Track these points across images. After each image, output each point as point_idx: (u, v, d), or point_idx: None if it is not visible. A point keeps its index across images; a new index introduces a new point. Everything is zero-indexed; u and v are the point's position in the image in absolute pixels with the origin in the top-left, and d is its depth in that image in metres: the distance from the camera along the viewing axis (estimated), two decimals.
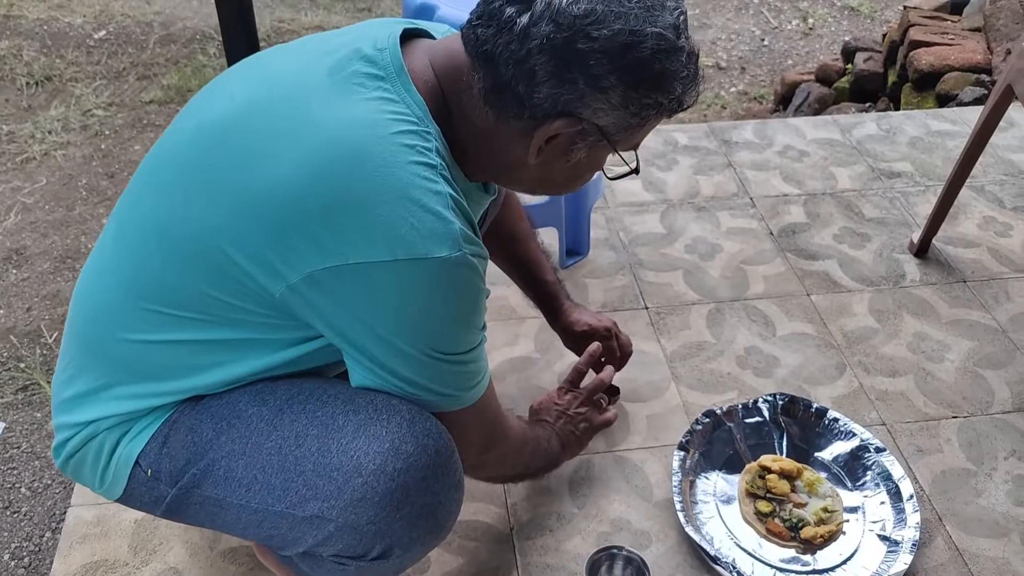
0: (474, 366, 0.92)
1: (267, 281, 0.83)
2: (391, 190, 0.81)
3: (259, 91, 0.89)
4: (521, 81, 0.83)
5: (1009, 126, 2.19)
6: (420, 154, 0.83)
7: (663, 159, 2.11)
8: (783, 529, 1.31)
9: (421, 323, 0.84)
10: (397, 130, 0.83)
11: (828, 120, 2.28)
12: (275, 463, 0.87)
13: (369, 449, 0.84)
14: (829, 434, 1.44)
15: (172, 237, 0.87)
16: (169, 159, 0.92)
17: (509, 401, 1.51)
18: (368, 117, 0.83)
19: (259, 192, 0.82)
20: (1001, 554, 1.30)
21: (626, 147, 0.92)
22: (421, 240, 0.80)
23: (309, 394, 0.90)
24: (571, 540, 1.30)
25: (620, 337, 1.44)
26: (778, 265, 1.81)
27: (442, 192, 0.83)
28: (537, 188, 1.00)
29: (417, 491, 0.86)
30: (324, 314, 0.84)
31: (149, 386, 0.92)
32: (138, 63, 3.62)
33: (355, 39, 0.90)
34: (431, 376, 0.88)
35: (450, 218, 0.82)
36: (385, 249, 0.80)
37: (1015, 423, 1.49)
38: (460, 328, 0.88)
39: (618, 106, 0.84)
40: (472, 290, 0.87)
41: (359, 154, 0.81)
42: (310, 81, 0.86)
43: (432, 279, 0.82)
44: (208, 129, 0.89)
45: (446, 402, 0.92)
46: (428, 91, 0.87)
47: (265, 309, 0.86)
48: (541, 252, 1.44)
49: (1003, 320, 1.68)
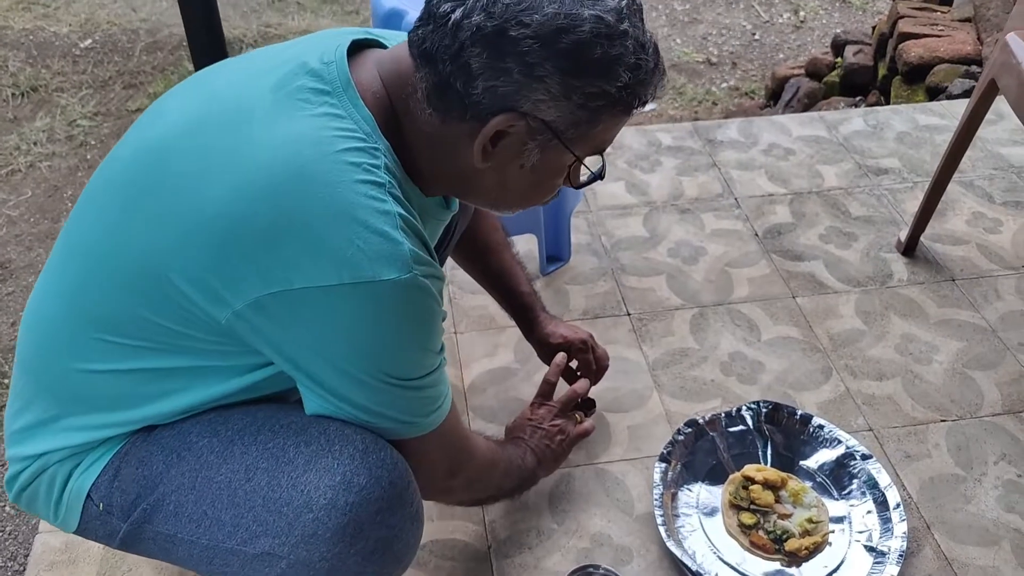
0: (432, 391, 0.89)
1: (212, 308, 0.80)
2: (336, 211, 0.78)
3: (200, 110, 0.86)
4: (459, 77, 0.79)
5: (998, 119, 2.16)
6: (367, 172, 0.80)
7: (646, 160, 2.08)
8: (767, 541, 1.28)
9: (372, 348, 0.81)
10: (343, 148, 0.80)
11: (814, 117, 2.24)
12: (225, 498, 0.84)
13: (320, 483, 0.82)
14: (814, 442, 1.41)
15: (113, 263, 0.84)
16: (109, 182, 0.89)
17: (488, 413, 1.49)
18: (312, 135, 0.80)
19: (199, 216, 0.79)
20: (991, 562, 1.27)
21: (585, 149, 0.86)
22: (368, 262, 0.77)
23: (262, 424, 0.87)
24: (550, 557, 1.27)
25: (596, 350, 1.41)
26: (763, 267, 1.77)
27: (390, 212, 0.80)
28: (499, 200, 0.94)
29: (371, 525, 0.83)
30: (272, 341, 0.82)
31: (99, 417, 0.90)
32: (124, 71, 3.60)
33: (302, 52, 0.87)
34: (387, 403, 0.85)
35: (399, 239, 0.79)
36: (331, 272, 0.77)
37: (1005, 425, 1.45)
38: (414, 352, 0.85)
39: (559, 96, 0.79)
40: (425, 313, 0.84)
41: (303, 174, 0.78)
42: (253, 98, 0.84)
43: (381, 302, 0.79)
44: (147, 151, 0.86)
45: (406, 429, 0.89)
46: (377, 104, 0.84)
47: (213, 336, 0.83)
48: (516, 263, 1.41)
49: (992, 319, 1.65)
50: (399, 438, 0.89)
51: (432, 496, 1.07)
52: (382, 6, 1.50)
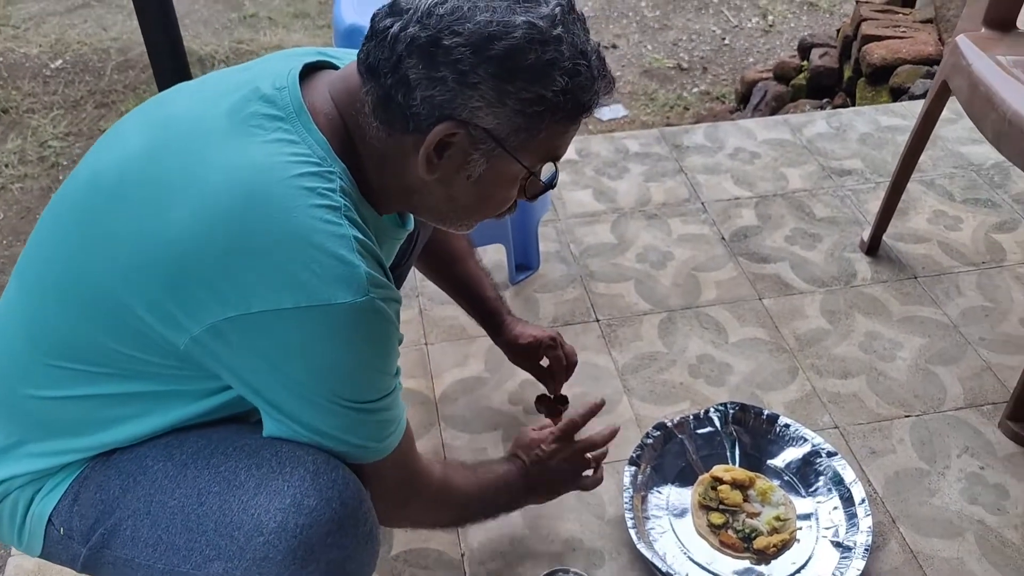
0: (388, 414, 0.89)
1: (170, 333, 0.81)
2: (292, 235, 0.79)
3: (155, 136, 0.87)
4: (399, 89, 0.80)
5: (958, 118, 2.20)
6: (322, 196, 0.81)
7: (614, 167, 2.10)
8: (736, 540, 1.30)
9: (327, 371, 0.82)
10: (297, 172, 0.81)
11: (779, 120, 2.28)
12: (178, 522, 0.84)
13: (270, 506, 0.82)
14: (781, 441, 1.43)
15: (70, 289, 0.85)
16: (66, 208, 0.90)
17: (460, 422, 1.50)
18: (266, 161, 0.81)
19: (155, 242, 0.80)
20: (956, 554, 1.29)
21: (532, 158, 0.86)
22: (324, 286, 0.78)
23: (215, 447, 0.87)
24: (523, 563, 1.29)
25: (564, 347, 1.43)
26: (730, 270, 1.80)
27: (346, 235, 0.81)
28: (449, 214, 0.94)
29: (322, 547, 0.83)
30: (230, 365, 0.82)
31: (60, 443, 0.90)
32: (96, 91, 3.60)
33: (255, 77, 0.88)
34: (342, 426, 0.86)
35: (355, 262, 0.80)
36: (287, 296, 0.78)
37: (967, 419, 1.48)
38: (369, 375, 0.86)
39: (495, 102, 0.80)
40: (381, 336, 0.84)
41: (258, 200, 0.79)
42: (207, 124, 0.84)
43: (337, 326, 0.80)
44: (104, 177, 0.86)
45: (361, 453, 0.89)
46: (330, 127, 0.85)
47: (172, 361, 0.83)
48: (480, 269, 1.42)
49: (954, 315, 1.68)
50: (353, 462, 0.89)
51: (391, 523, 1.07)
52: (342, 22, 1.51)
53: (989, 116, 1.43)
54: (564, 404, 1.45)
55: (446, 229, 0.99)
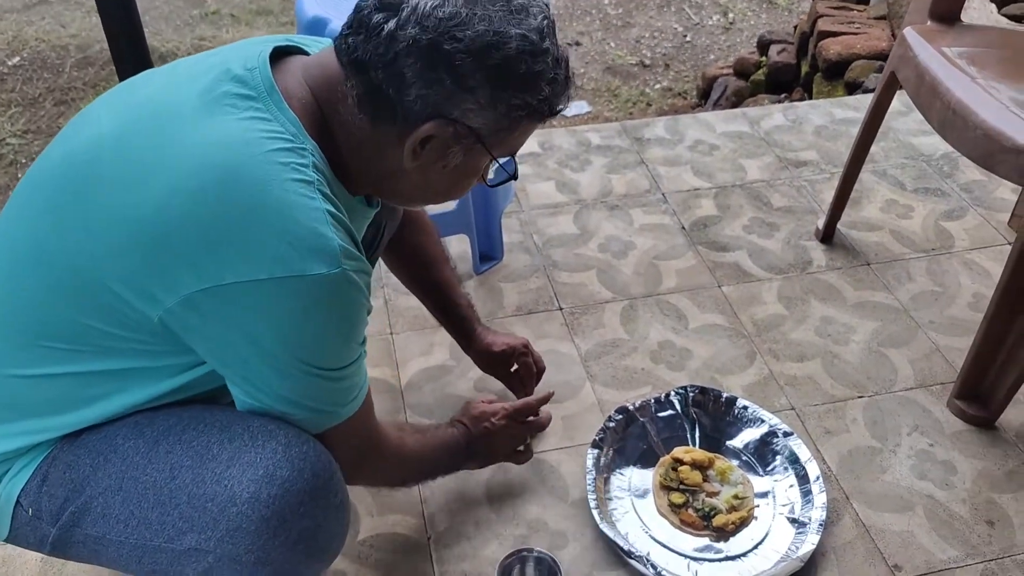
0: (351, 381, 0.92)
1: (144, 307, 0.82)
2: (267, 209, 0.81)
3: (128, 116, 0.88)
4: (391, 85, 0.84)
5: (908, 111, 2.26)
6: (296, 171, 0.83)
7: (576, 160, 2.13)
8: (696, 519, 1.33)
9: (299, 340, 0.84)
10: (271, 148, 0.83)
11: (737, 113, 2.32)
12: (151, 497, 0.86)
13: (243, 477, 0.84)
14: (739, 422, 1.47)
15: (44, 267, 0.86)
16: (37, 188, 0.90)
17: (425, 410, 1.52)
18: (241, 136, 0.83)
19: (131, 219, 0.81)
20: (906, 527, 1.34)
21: (502, 152, 0.93)
22: (299, 257, 0.80)
23: (187, 423, 0.89)
24: (488, 546, 1.31)
25: (534, 354, 1.47)
26: (690, 259, 1.84)
27: (319, 208, 0.83)
28: (418, 197, 1.00)
29: (294, 516, 0.85)
30: (203, 336, 0.84)
31: (30, 423, 0.91)
32: (55, 88, 3.55)
33: (225, 60, 0.89)
34: (310, 394, 0.88)
35: (329, 234, 0.82)
36: (262, 268, 0.80)
37: (917, 399, 1.53)
38: (339, 343, 0.88)
39: (487, 106, 0.85)
40: (352, 306, 0.87)
41: (233, 174, 0.81)
42: (180, 104, 0.86)
43: (310, 296, 0.82)
44: (78, 156, 0.87)
45: (323, 419, 0.91)
46: (302, 108, 0.88)
47: (145, 336, 0.85)
48: (454, 276, 1.44)
49: (905, 300, 1.73)
50: (316, 429, 0.91)
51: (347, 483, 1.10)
52: (305, 14, 1.52)
53: (934, 105, 1.48)
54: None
55: (407, 207, 1.03)
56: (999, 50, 1.59)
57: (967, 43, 1.58)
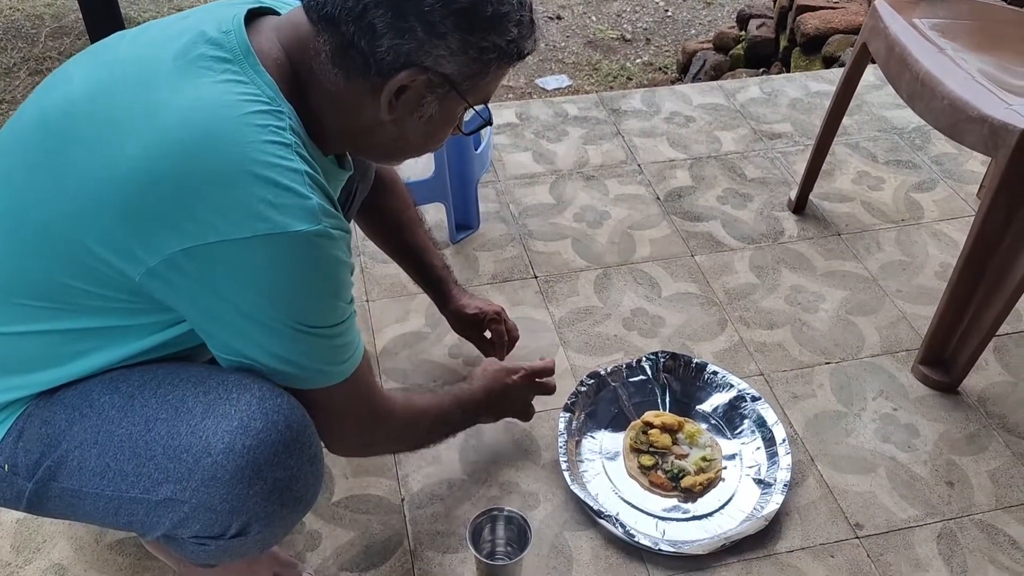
0: (342, 339, 0.93)
1: (125, 266, 0.83)
2: (246, 170, 0.82)
3: (102, 76, 0.88)
4: (363, 37, 0.85)
5: (882, 84, 2.28)
6: (273, 133, 0.84)
7: (553, 131, 2.14)
8: (665, 480, 1.36)
9: (285, 297, 0.85)
10: (249, 111, 0.84)
11: (713, 86, 2.34)
12: (126, 449, 0.87)
13: (218, 428, 0.85)
14: (709, 387, 1.50)
15: (20, 226, 0.86)
16: (12, 147, 0.90)
17: (400, 375, 1.54)
18: (219, 99, 0.84)
19: (109, 177, 0.82)
20: (868, 488, 1.37)
21: (476, 98, 0.93)
22: (279, 215, 0.81)
23: (162, 379, 0.90)
24: (461, 506, 1.33)
25: (508, 322, 1.49)
26: (664, 228, 1.86)
27: (298, 169, 0.84)
28: (395, 151, 1.00)
29: (269, 466, 0.87)
30: (188, 296, 0.85)
31: (7, 380, 0.91)
32: (29, 58, 3.51)
33: (199, 22, 0.90)
34: (299, 351, 0.89)
35: (307, 193, 0.84)
36: (244, 226, 0.81)
37: (882, 365, 1.57)
38: (325, 300, 0.89)
39: (458, 51, 0.86)
40: (334, 263, 0.88)
41: (212, 135, 0.82)
42: (155, 66, 0.86)
43: (293, 253, 0.83)
44: (51, 115, 0.88)
45: (319, 377, 0.93)
46: (278, 69, 0.88)
47: (125, 295, 0.86)
48: (429, 239, 1.46)
49: (874, 269, 1.76)
50: (312, 387, 0.93)
51: (350, 451, 1.11)
52: None
53: (903, 76, 1.50)
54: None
55: (385, 164, 1.04)
56: (969, 22, 1.61)
57: (938, 15, 1.60)
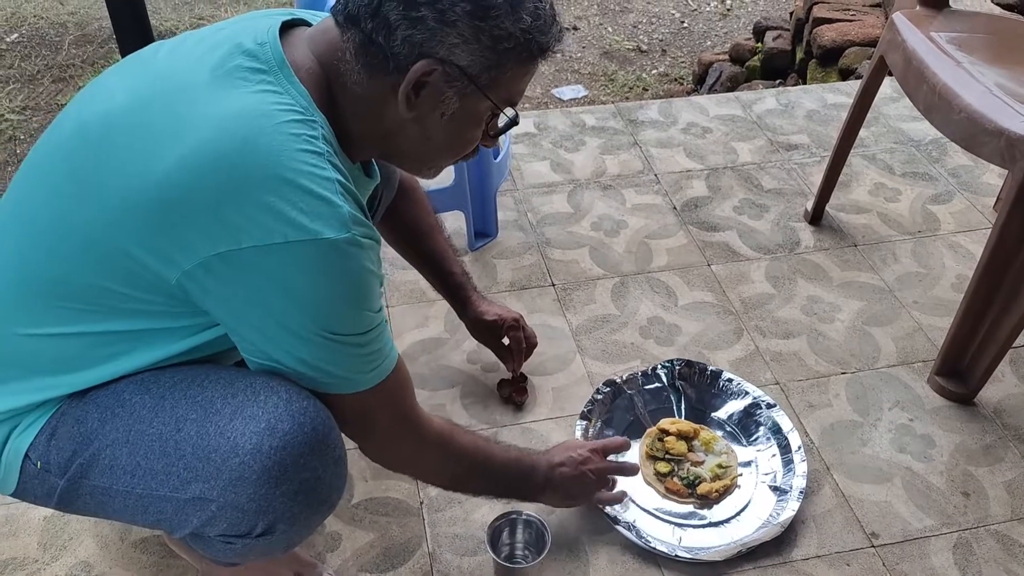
0: (371, 348, 0.93)
1: (162, 269, 0.85)
2: (280, 178, 0.84)
3: (142, 88, 0.90)
4: (380, 32, 0.87)
5: (900, 96, 2.29)
6: (307, 142, 0.86)
7: (571, 140, 2.16)
8: (681, 487, 1.37)
9: (313, 304, 0.87)
10: (284, 120, 0.86)
11: (730, 97, 2.35)
12: (156, 449, 0.89)
13: (246, 430, 0.87)
14: (724, 394, 1.51)
15: (59, 231, 0.88)
16: (54, 156, 0.93)
17: (420, 380, 1.55)
18: (255, 108, 0.86)
19: (147, 184, 0.84)
20: (884, 498, 1.38)
21: (499, 97, 0.94)
22: (311, 222, 0.83)
23: (191, 380, 0.92)
24: (479, 511, 1.35)
25: (526, 329, 1.50)
26: (681, 238, 1.87)
27: (330, 178, 0.86)
28: (421, 154, 1.00)
29: (295, 467, 0.89)
30: (220, 299, 0.87)
31: (41, 381, 0.93)
32: (53, 65, 3.56)
33: (235, 34, 0.92)
34: (327, 358, 0.90)
35: (339, 202, 0.86)
36: (275, 232, 0.83)
37: (899, 375, 1.57)
38: (352, 308, 0.90)
39: (471, 39, 0.87)
40: (363, 271, 0.89)
41: (248, 144, 0.84)
42: (194, 77, 0.89)
43: (323, 259, 0.85)
44: (92, 126, 0.90)
45: (344, 384, 0.93)
46: (311, 79, 0.91)
47: (161, 297, 0.88)
48: (449, 246, 1.48)
49: (890, 280, 1.77)
50: (338, 392, 0.94)
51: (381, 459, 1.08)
52: None
53: (921, 89, 1.51)
54: (524, 381, 1.52)
55: (417, 175, 1.05)
56: (986, 35, 1.62)
57: (955, 28, 1.61)
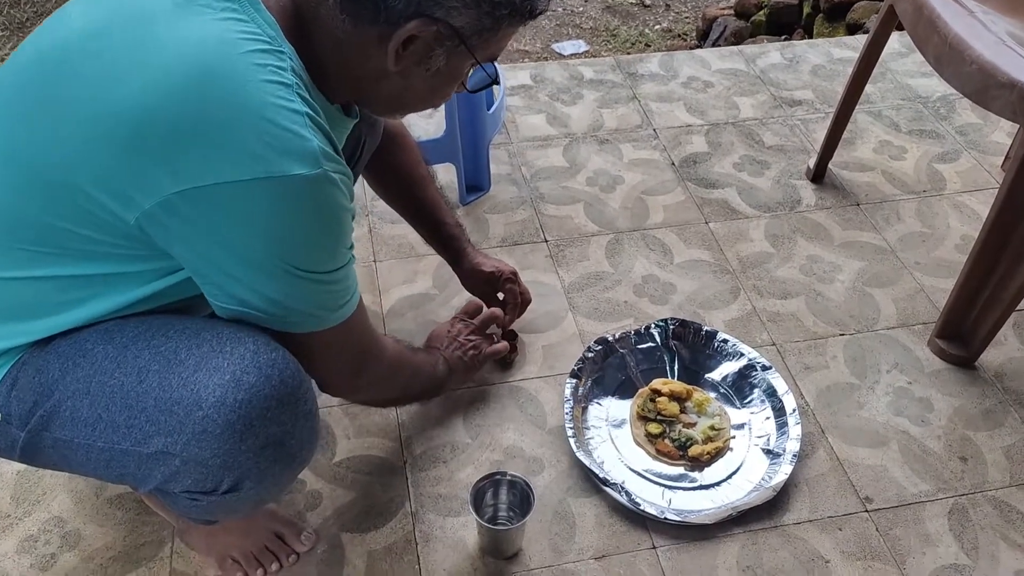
0: (340, 286, 0.92)
1: (121, 209, 0.81)
2: (245, 109, 0.79)
3: (101, 15, 0.85)
4: None
5: (908, 51, 2.22)
6: (274, 73, 0.82)
7: (568, 93, 2.10)
8: (672, 449, 1.34)
9: (282, 240, 0.83)
10: (249, 49, 0.81)
11: (733, 51, 2.28)
12: (118, 401, 0.86)
13: (209, 382, 0.84)
14: (719, 355, 1.47)
15: (17, 167, 0.84)
16: (9, 86, 0.88)
17: (407, 336, 1.51)
18: (218, 36, 0.81)
19: (106, 116, 0.79)
20: (879, 462, 1.35)
21: (484, 55, 0.91)
22: (278, 158, 0.79)
23: (156, 330, 0.88)
24: (464, 470, 1.32)
25: (521, 285, 1.47)
26: (678, 194, 1.82)
27: (299, 110, 0.82)
28: (398, 103, 0.97)
29: (261, 421, 0.85)
30: (183, 239, 0.82)
31: (4, 327, 0.90)
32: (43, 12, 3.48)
33: None
34: (296, 295, 0.87)
35: (308, 135, 0.81)
36: (241, 168, 0.78)
37: (898, 338, 1.53)
38: (324, 245, 0.87)
39: (471, 4, 0.84)
40: (335, 207, 0.86)
41: (210, 73, 0.79)
42: (155, 4, 0.84)
43: (292, 196, 0.81)
44: (49, 55, 0.85)
45: (313, 322, 0.91)
46: (280, 10, 0.86)
47: (123, 240, 0.84)
48: (440, 196, 1.44)
49: (892, 240, 1.72)
50: (307, 331, 0.91)
51: (339, 392, 1.11)
52: None
53: (931, 39, 1.44)
54: (514, 338, 1.49)
55: (387, 117, 1.01)
56: None
57: None
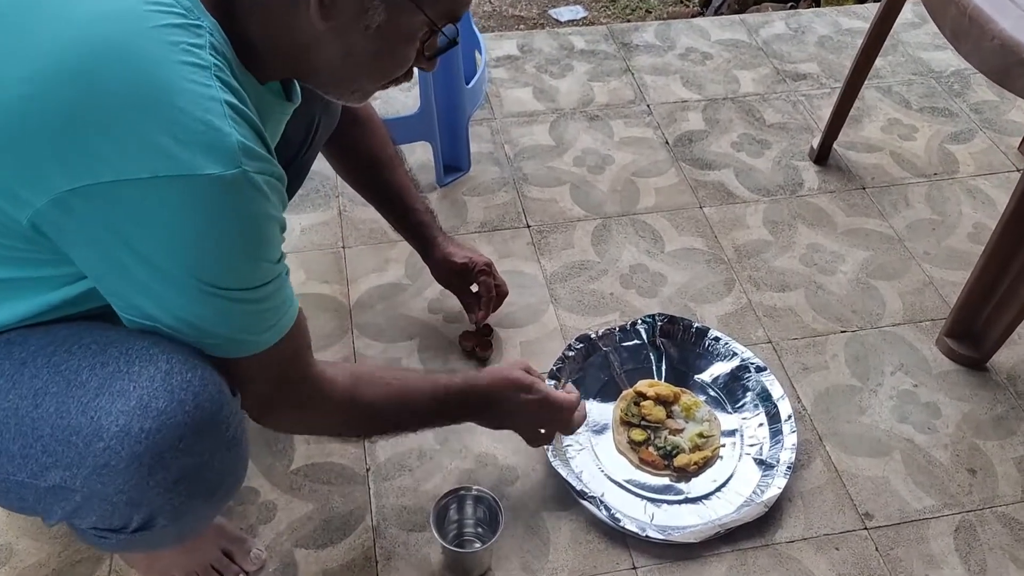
0: (265, 304, 0.79)
1: (11, 208, 0.70)
2: (149, 95, 0.68)
3: None
4: None
5: (921, 22, 2.08)
6: (188, 52, 0.70)
7: (557, 65, 1.97)
8: (656, 458, 1.24)
9: (191, 251, 0.71)
10: (159, 24, 0.70)
11: (735, 20, 2.14)
12: (12, 427, 0.75)
13: (112, 408, 0.73)
14: (710, 355, 1.36)
15: None
16: None
17: (375, 330, 1.41)
18: (123, 9, 0.70)
19: None
20: (881, 473, 1.25)
21: (437, 12, 0.79)
22: (187, 154, 0.68)
23: (59, 344, 0.77)
24: (431, 480, 1.22)
25: (497, 276, 1.36)
26: (671, 176, 1.70)
27: (215, 98, 0.70)
28: (343, 75, 0.84)
29: (173, 453, 0.75)
30: (80, 242, 0.72)
31: None
32: None
33: None
34: (209, 316, 0.76)
35: (224, 128, 0.69)
36: (142, 164, 0.67)
37: (904, 335, 1.42)
38: (243, 260, 0.75)
39: None
40: (255, 214, 0.74)
41: (112, 53, 0.68)
42: None
43: (201, 200, 0.69)
44: None
45: (233, 347, 0.80)
46: None
47: (17, 242, 0.73)
48: (410, 180, 1.33)
49: (900, 228, 1.60)
50: (226, 356, 0.80)
51: (280, 428, 1.00)
52: None
53: (948, 11, 1.31)
54: (489, 334, 1.39)
55: (339, 99, 0.89)
56: None
57: None
